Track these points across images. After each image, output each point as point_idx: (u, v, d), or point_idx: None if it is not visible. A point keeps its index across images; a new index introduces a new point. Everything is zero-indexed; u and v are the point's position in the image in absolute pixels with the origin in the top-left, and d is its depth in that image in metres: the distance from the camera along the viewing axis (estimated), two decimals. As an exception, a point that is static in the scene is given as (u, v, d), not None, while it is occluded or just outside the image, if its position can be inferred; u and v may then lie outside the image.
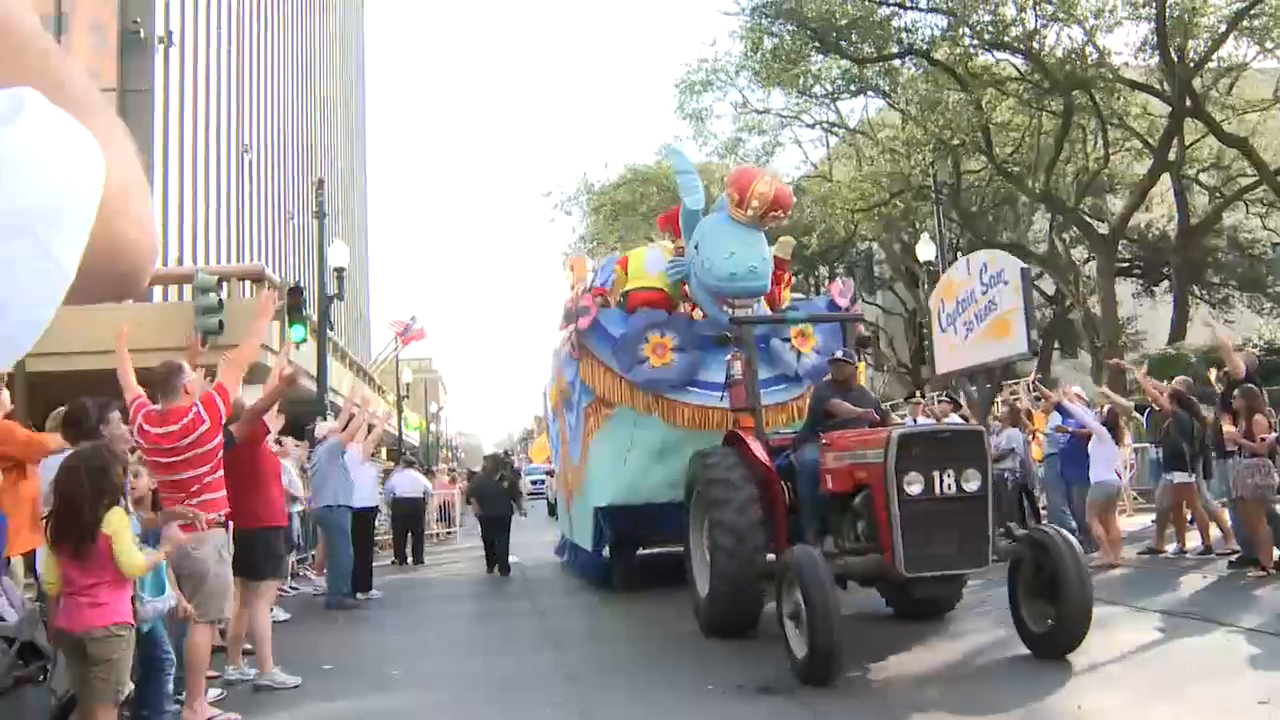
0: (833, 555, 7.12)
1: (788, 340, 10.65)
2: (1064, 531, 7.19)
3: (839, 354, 8.88)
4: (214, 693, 6.98)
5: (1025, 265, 8.51)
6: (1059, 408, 12.49)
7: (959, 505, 6.72)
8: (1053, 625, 6.70)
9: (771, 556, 7.82)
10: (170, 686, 6.03)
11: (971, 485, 6.71)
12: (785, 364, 10.53)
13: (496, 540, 15.14)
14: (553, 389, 13.98)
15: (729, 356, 9.24)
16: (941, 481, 6.69)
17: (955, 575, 7.30)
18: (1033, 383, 15.12)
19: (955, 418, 13.18)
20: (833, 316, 10.82)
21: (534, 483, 36.67)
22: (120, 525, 4.70)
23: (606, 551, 11.81)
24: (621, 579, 11.75)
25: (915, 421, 13.31)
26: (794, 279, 12.53)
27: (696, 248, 10.39)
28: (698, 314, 10.89)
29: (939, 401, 15.38)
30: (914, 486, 6.64)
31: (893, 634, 8.03)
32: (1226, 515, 11.17)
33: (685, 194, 11.00)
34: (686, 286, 10.89)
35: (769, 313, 10.77)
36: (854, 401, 8.36)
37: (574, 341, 11.26)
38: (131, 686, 5.00)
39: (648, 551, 12.72)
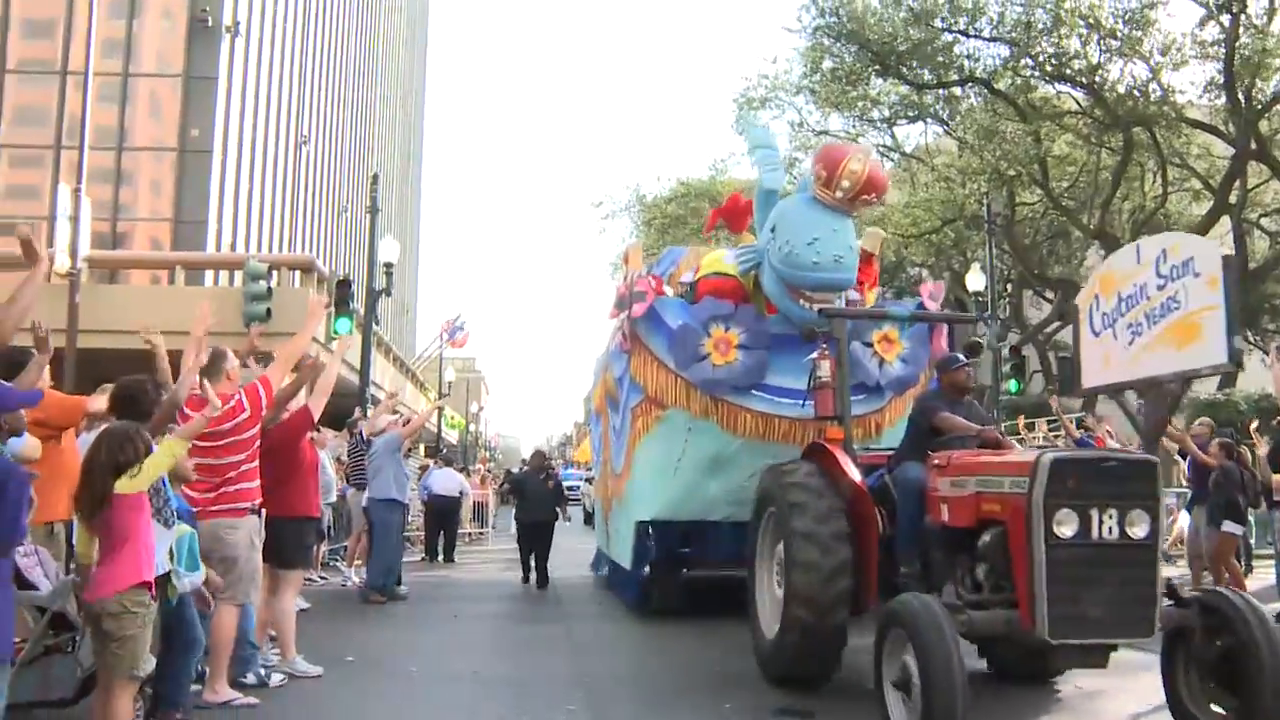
0: (954, 608, 5.68)
1: (870, 345, 9.38)
2: (1247, 595, 5.78)
3: (960, 357, 7.53)
4: (276, 678, 7.10)
5: (1229, 253, 6.94)
6: (1079, 445, 12.32)
7: (1122, 554, 5.38)
8: (1233, 717, 5.44)
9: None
10: (194, 668, 6.09)
11: (1139, 531, 5.38)
12: (865, 372, 9.22)
13: (536, 548, 13.75)
14: (597, 389, 12.99)
15: (815, 355, 7.72)
16: (1101, 523, 5.36)
17: (1110, 644, 5.65)
18: (1058, 416, 14.36)
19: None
20: (943, 316, 9.33)
21: (569, 488, 36.58)
22: (134, 478, 4.71)
23: (647, 570, 10.44)
24: (661, 603, 10.52)
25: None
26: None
27: (773, 232, 8.99)
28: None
29: None
30: (1066, 527, 5.33)
31: (987, 697, 6.73)
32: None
33: (762, 170, 9.81)
34: (758, 277, 9.53)
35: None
36: (964, 416, 7.04)
37: (625, 331, 10.10)
38: (153, 663, 5.04)
39: (694, 574, 11.16)
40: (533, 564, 13.86)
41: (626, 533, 10.60)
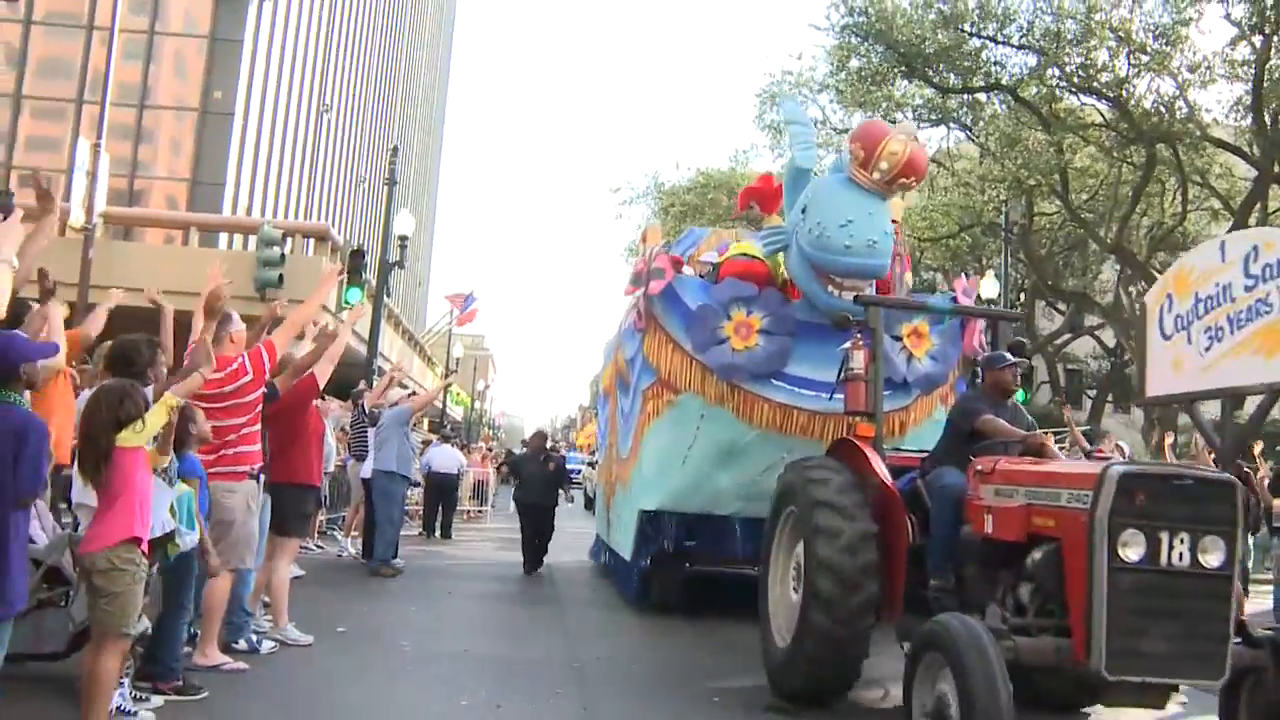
0: (999, 633, 5.01)
1: (898, 339, 8.80)
2: None
3: (1006, 355, 6.93)
4: (267, 645, 7.14)
5: None
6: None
7: (1192, 585, 4.82)
8: None
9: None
10: (185, 631, 6.11)
11: (1213, 559, 4.83)
12: (892, 367, 8.54)
13: (537, 534, 13.12)
14: (607, 369, 12.47)
15: (849, 344, 7.16)
16: (1171, 548, 4.81)
17: (1171, 684, 5.05)
18: (1069, 426, 14.16)
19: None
20: (986, 311, 8.69)
21: (571, 471, 36.45)
22: (136, 432, 4.71)
23: (647, 562, 9.80)
24: (661, 597, 10.04)
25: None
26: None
27: (803, 212, 8.37)
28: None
29: None
30: (1132, 550, 4.79)
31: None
32: None
33: (796, 148, 9.22)
34: (783, 260, 8.97)
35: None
36: (1007, 420, 6.49)
37: (641, 309, 9.53)
38: (147, 625, 5.05)
39: (697, 568, 10.72)
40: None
41: (629, 521, 10.06)
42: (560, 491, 13.80)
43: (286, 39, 38.95)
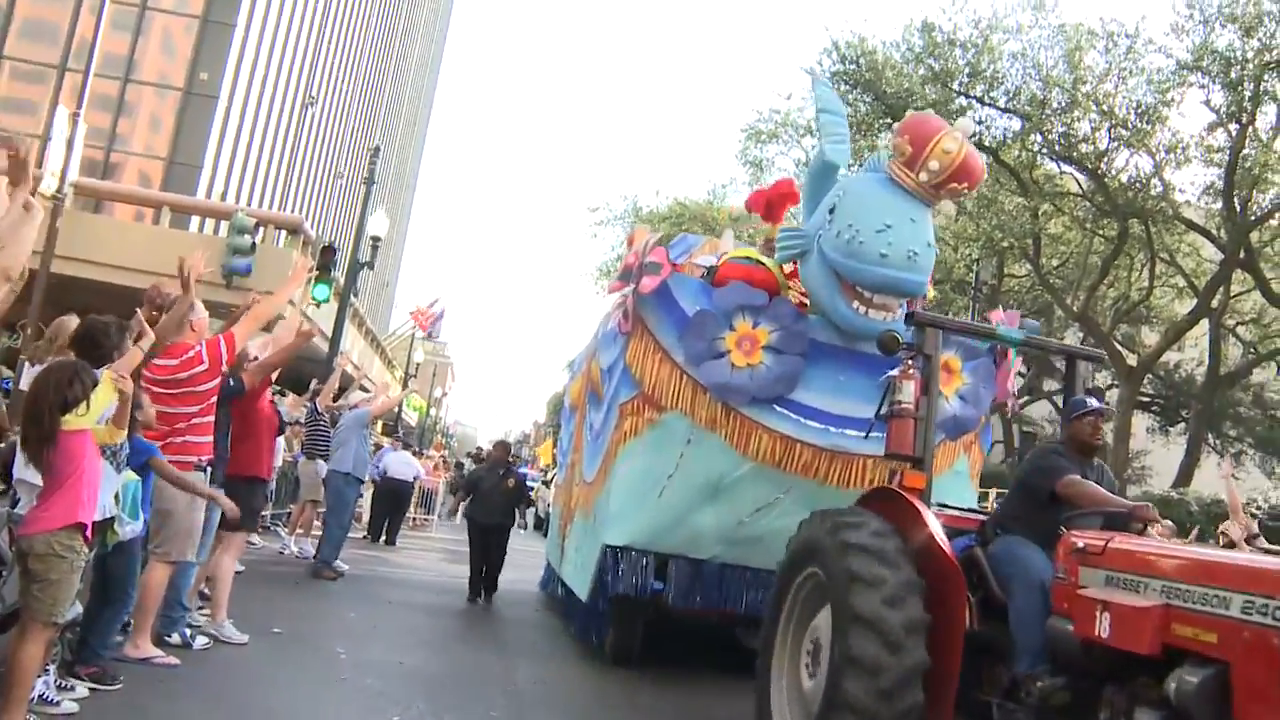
0: None
1: None
2: None
3: (1088, 401, 5.53)
4: (201, 640, 6.99)
5: None
6: None
7: None
8: None
9: None
10: (121, 621, 5.99)
11: None
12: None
13: (490, 556, 11.85)
14: (576, 380, 11.04)
15: (897, 372, 5.87)
16: None
17: None
18: None
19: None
20: (1063, 347, 7.54)
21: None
22: (79, 415, 4.62)
23: (605, 605, 8.26)
24: (618, 648, 8.44)
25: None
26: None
27: (831, 213, 7.18)
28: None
29: None
30: None
31: None
32: None
33: (826, 140, 7.84)
34: (798, 269, 7.76)
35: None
36: (1095, 481, 5.19)
37: (628, 309, 8.00)
38: (79, 612, 4.93)
39: (660, 616, 8.59)
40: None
41: (589, 556, 8.47)
42: (517, 511, 12.69)
43: (279, 28, 38.78)
